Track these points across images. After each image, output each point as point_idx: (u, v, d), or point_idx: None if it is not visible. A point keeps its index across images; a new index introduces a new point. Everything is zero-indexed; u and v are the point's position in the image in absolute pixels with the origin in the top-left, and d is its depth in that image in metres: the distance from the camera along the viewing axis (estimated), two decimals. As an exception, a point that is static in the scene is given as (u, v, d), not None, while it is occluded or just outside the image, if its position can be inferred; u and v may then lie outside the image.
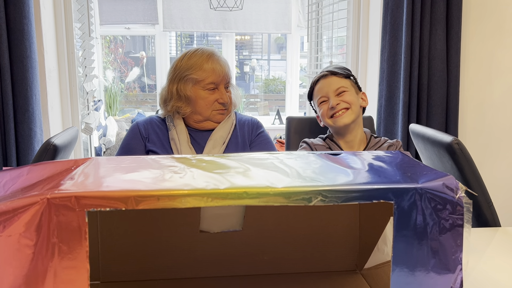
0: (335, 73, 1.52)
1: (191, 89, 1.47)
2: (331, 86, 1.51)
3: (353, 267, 0.83)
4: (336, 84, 1.51)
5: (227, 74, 1.49)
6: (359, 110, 1.53)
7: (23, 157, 1.92)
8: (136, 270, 0.78)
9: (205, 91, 1.47)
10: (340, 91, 1.51)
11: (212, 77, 1.46)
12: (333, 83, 1.52)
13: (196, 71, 1.46)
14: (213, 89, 1.47)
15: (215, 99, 1.48)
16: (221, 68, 1.47)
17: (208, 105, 1.47)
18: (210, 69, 1.45)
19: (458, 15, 2.09)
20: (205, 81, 1.46)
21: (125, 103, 5.80)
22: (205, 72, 1.45)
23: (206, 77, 1.45)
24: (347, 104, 1.49)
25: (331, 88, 1.51)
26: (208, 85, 1.46)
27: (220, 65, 1.47)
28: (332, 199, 0.55)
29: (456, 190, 0.58)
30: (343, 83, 1.51)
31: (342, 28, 2.52)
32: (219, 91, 1.48)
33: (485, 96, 2.24)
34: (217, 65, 1.47)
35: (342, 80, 1.52)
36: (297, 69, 5.34)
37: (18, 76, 1.88)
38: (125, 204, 0.52)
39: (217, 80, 1.47)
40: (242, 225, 0.78)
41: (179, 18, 5.06)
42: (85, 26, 2.38)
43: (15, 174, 0.61)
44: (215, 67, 1.46)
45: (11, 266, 0.51)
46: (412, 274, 0.58)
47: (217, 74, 1.46)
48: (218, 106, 1.49)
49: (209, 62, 1.46)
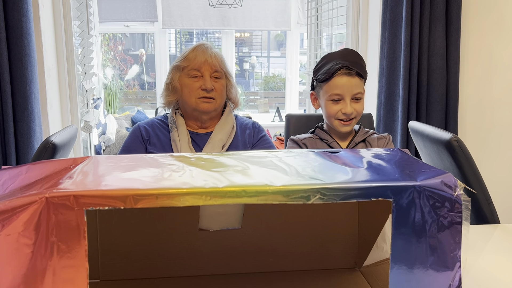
0: (360, 74, 1.42)
1: (178, 79, 1.51)
2: (352, 88, 1.41)
3: (352, 265, 0.83)
4: (357, 88, 1.42)
5: (213, 63, 1.49)
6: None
7: (23, 155, 1.92)
8: (135, 269, 0.78)
9: (189, 79, 1.48)
10: (357, 97, 1.43)
11: (193, 63, 1.48)
12: (354, 86, 1.41)
13: (181, 60, 1.51)
14: (197, 77, 1.48)
15: (198, 86, 1.48)
16: (204, 56, 1.48)
17: (192, 92, 1.48)
18: (192, 56, 1.49)
19: (457, 11, 2.09)
20: (188, 68, 1.48)
21: (124, 101, 5.80)
22: (188, 60, 1.49)
23: (188, 64, 1.48)
24: (357, 114, 1.44)
25: (350, 91, 1.41)
26: (191, 72, 1.48)
27: (205, 54, 1.49)
28: (330, 197, 0.55)
29: (454, 188, 0.58)
30: (362, 88, 1.44)
31: (342, 25, 2.51)
32: (203, 78, 1.48)
33: (485, 93, 2.24)
34: (200, 53, 1.49)
35: (362, 83, 1.44)
36: (296, 66, 5.33)
37: (17, 75, 1.88)
38: (124, 203, 0.52)
39: (199, 66, 1.48)
40: (241, 223, 0.78)
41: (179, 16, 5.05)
42: (84, 23, 2.38)
43: (14, 173, 0.61)
44: (197, 55, 1.48)
45: (10, 265, 0.51)
46: (410, 271, 0.58)
47: (198, 60, 1.48)
48: (201, 93, 1.47)
49: (194, 50, 1.50)
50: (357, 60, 1.44)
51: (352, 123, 1.45)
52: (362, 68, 1.44)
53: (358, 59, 1.45)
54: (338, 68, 1.40)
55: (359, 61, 1.44)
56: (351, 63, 1.41)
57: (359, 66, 1.43)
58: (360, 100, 1.44)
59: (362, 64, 1.45)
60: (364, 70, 1.45)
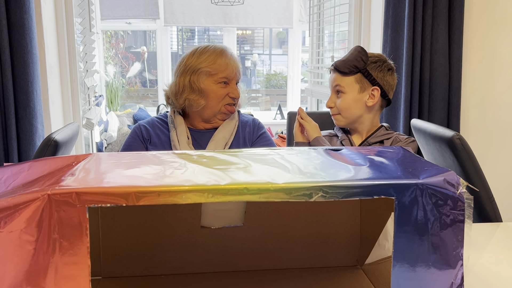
0: (336, 69, 1.51)
1: (204, 82, 1.47)
2: (332, 82, 1.53)
3: (354, 263, 0.83)
4: (334, 82, 1.52)
5: (239, 71, 1.51)
6: (357, 112, 1.50)
7: (25, 152, 1.92)
8: (137, 266, 0.78)
9: (217, 85, 1.47)
10: (336, 90, 1.52)
11: (225, 72, 1.47)
12: (333, 80, 1.53)
13: (210, 64, 1.47)
14: (225, 83, 1.48)
15: (226, 93, 1.49)
16: (234, 64, 1.49)
17: (219, 99, 1.48)
18: (223, 63, 1.47)
19: (460, 9, 2.08)
20: (218, 75, 1.47)
21: (126, 98, 5.80)
22: (219, 66, 1.46)
23: (219, 71, 1.47)
24: (337, 110, 1.52)
25: (332, 85, 1.54)
26: (220, 79, 1.47)
27: (233, 61, 1.49)
28: (333, 195, 0.55)
29: (457, 186, 0.58)
30: (342, 82, 1.49)
31: (344, 22, 2.51)
32: (231, 86, 1.49)
33: (487, 91, 2.23)
34: (230, 60, 1.49)
35: (343, 78, 1.49)
36: (298, 64, 5.32)
37: (19, 72, 1.88)
38: (126, 200, 0.52)
39: (230, 75, 1.48)
40: (243, 220, 0.78)
41: (180, 13, 5.05)
42: (86, 21, 2.38)
43: (16, 170, 0.61)
44: (228, 62, 1.48)
45: (13, 262, 0.51)
46: (413, 269, 0.58)
47: (230, 69, 1.47)
48: (228, 100, 1.50)
49: (223, 57, 1.48)
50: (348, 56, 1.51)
51: (337, 118, 1.52)
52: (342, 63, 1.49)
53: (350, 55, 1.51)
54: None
55: (349, 57, 1.50)
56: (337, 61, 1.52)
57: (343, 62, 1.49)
58: (341, 93, 1.50)
59: (350, 59, 1.49)
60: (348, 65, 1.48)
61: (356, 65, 1.47)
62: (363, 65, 1.46)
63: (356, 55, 1.48)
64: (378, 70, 1.48)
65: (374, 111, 1.52)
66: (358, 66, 1.47)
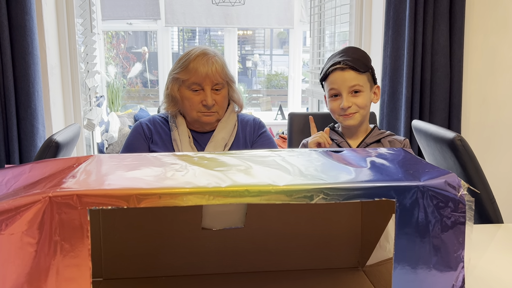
0: (354, 67, 1.40)
1: (178, 90, 1.45)
2: (346, 82, 1.40)
3: (355, 264, 0.83)
4: (351, 81, 1.40)
5: (214, 75, 1.42)
6: (369, 109, 1.47)
7: (26, 153, 1.92)
8: (138, 267, 0.78)
9: (189, 92, 1.43)
10: (354, 89, 1.41)
11: (194, 77, 1.41)
12: (348, 80, 1.40)
13: (181, 71, 1.43)
14: (198, 90, 1.43)
15: (199, 100, 1.43)
16: (204, 69, 1.40)
17: (193, 106, 1.43)
18: (193, 69, 1.41)
19: (461, 9, 2.08)
20: (188, 81, 1.42)
21: (127, 98, 5.81)
22: (188, 73, 1.41)
23: (189, 77, 1.42)
24: (358, 108, 1.42)
25: (345, 85, 1.40)
26: (192, 86, 1.42)
27: (206, 66, 1.41)
28: (334, 197, 0.55)
29: (458, 188, 0.58)
30: (360, 81, 1.40)
31: (345, 23, 2.51)
32: (204, 93, 1.42)
33: (489, 92, 2.23)
34: (201, 65, 1.41)
35: (360, 76, 1.40)
36: (299, 64, 5.32)
37: (20, 73, 1.88)
38: (127, 202, 0.52)
39: (200, 81, 1.41)
40: (244, 222, 0.78)
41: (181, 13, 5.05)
42: (87, 21, 2.38)
43: (17, 172, 0.61)
44: (198, 67, 1.40)
45: (14, 264, 0.51)
46: (414, 271, 0.58)
47: (199, 74, 1.40)
48: (202, 108, 1.43)
49: (195, 61, 1.41)
50: (355, 55, 1.43)
51: (355, 117, 1.42)
52: (357, 62, 1.41)
53: (356, 54, 1.43)
54: (331, 64, 1.43)
55: (357, 56, 1.43)
56: (345, 59, 1.41)
57: (355, 60, 1.41)
58: (359, 93, 1.41)
59: (360, 58, 1.43)
60: (362, 63, 1.42)
61: (367, 63, 1.43)
62: (370, 65, 1.46)
63: (362, 54, 1.45)
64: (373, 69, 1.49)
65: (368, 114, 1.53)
66: (368, 64, 1.44)
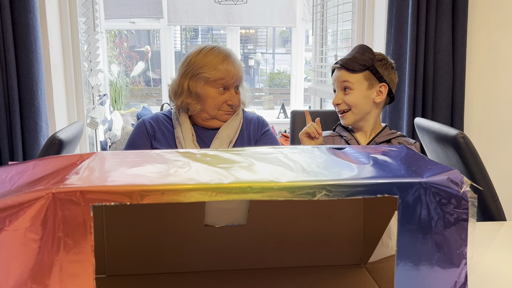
0: (345, 67, 1.49)
1: (202, 87, 1.46)
2: (338, 79, 1.51)
3: (358, 261, 0.83)
4: (341, 78, 1.50)
5: (240, 77, 1.49)
6: (366, 108, 1.49)
7: (29, 151, 1.93)
8: (141, 264, 0.78)
9: (215, 91, 1.46)
10: (344, 86, 1.50)
11: (225, 79, 1.45)
12: (340, 77, 1.51)
13: (209, 70, 1.44)
14: (224, 89, 1.47)
15: (224, 100, 1.47)
16: (235, 71, 1.46)
17: (217, 105, 1.47)
18: (224, 70, 1.44)
19: (464, 7, 2.07)
20: (217, 82, 1.45)
21: (130, 97, 5.82)
22: (219, 73, 1.44)
23: (219, 78, 1.44)
24: (347, 106, 1.49)
25: (338, 82, 1.52)
26: (219, 85, 1.46)
27: (235, 68, 1.46)
28: (336, 193, 0.55)
29: (461, 185, 0.58)
30: (350, 79, 1.48)
31: (347, 21, 2.50)
32: (229, 93, 1.47)
33: (491, 90, 2.23)
34: (231, 67, 1.46)
35: (351, 75, 1.48)
36: (302, 63, 5.32)
37: (23, 71, 1.89)
38: (130, 198, 0.52)
39: (229, 82, 1.46)
40: (247, 219, 0.78)
41: (184, 12, 5.05)
42: (90, 20, 2.38)
43: (21, 169, 0.62)
44: (229, 69, 1.45)
45: (17, 260, 0.51)
46: (416, 268, 0.58)
47: (230, 76, 1.45)
48: (226, 107, 1.48)
49: (224, 63, 1.45)
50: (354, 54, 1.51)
51: (347, 116, 1.50)
52: (352, 61, 1.49)
53: (357, 52, 1.51)
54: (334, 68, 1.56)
55: (356, 54, 1.50)
56: (343, 58, 1.52)
57: (352, 59, 1.49)
58: (349, 90, 1.49)
59: (358, 57, 1.49)
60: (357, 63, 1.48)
61: (364, 63, 1.48)
62: (371, 63, 1.48)
63: (362, 53, 1.49)
64: (383, 67, 1.50)
65: (379, 108, 1.54)
66: (366, 64, 1.48)
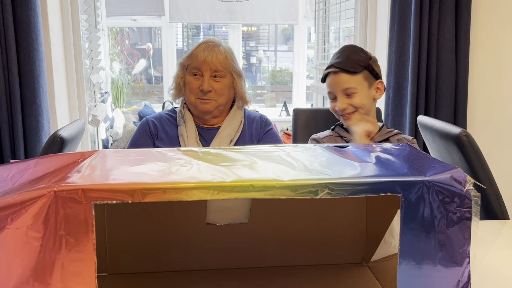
0: (345, 70, 1.43)
1: (182, 75, 1.51)
2: (339, 85, 1.45)
3: (360, 260, 0.82)
4: (344, 84, 1.44)
5: (213, 62, 1.45)
6: (369, 106, 1.48)
7: (31, 149, 1.93)
8: (143, 262, 0.78)
9: (190, 77, 1.48)
10: (348, 92, 1.44)
11: (195, 62, 1.46)
12: (341, 83, 1.44)
13: (185, 57, 1.50)
14: (198, 75, 1.47)
15: (198, 85, 1.46)
16: (204, 55, 1.45)
17: (191, 91, 1.47)
18: (195, 55, 1.46)
19: (467, 4, 2.06)
20: (190, 66, 1.48)
21: (132, 95, 5.81)
22: (191, 58, 1.47)
23: (190, 62, 1.47)
24: (354, 108, 1.45)
25: (338, 88, 1.45)
26: (192, 70, 1.47)
27: (206, 52, 1.45)
28: (339, 192, 0.55)
29: (464, 183, 0.57)
30: (352, 83, 1.43)
31: (350, 18, 2.49)
32: (203, 78, 1.46)
33: (495, 87, 2.22)
34: (202, 51, 1.45)
35: (352, 78, 1.43)
36: (304, 60, 5.30)
37: (25, 69, 1.89)
38: (131, 197, 0.52)
39: (198, 65, 1.45)
40: (249, 217, 0.78)
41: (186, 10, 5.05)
42: (92, 17, 2.38)
43: (23, 167, 0.62)
44: (198, 53, 1.46)
45: (19, 258, 0.51)
46: (419, 267, 0.57)
47: (198, 59, 1.45)
48: (199, 93, 1.46)
49: (198, 48, 1.47)
50: (348, 55, 1.46)
51: (353, 118, 1.46)
52: (349, 63, 1.44)
53: (351, 54, 1.46)
54: (326, 68, 1.50)
55: (352, 56, 1.45)
56: (339, 61, 1.46)
57: (349, 61, 1.44)
58: (353, 94, 1.44)
59: (354, 58, 1.45)
60: (355, 64, 1.44)
61: (362, 63, 1.45)
62: (367, 62, 1.46)
63: (356, 53, 1.46)
64: (375, 64, 1.48)
65: (375, 105, 1.53)
66: (364, 64, 1.45)
